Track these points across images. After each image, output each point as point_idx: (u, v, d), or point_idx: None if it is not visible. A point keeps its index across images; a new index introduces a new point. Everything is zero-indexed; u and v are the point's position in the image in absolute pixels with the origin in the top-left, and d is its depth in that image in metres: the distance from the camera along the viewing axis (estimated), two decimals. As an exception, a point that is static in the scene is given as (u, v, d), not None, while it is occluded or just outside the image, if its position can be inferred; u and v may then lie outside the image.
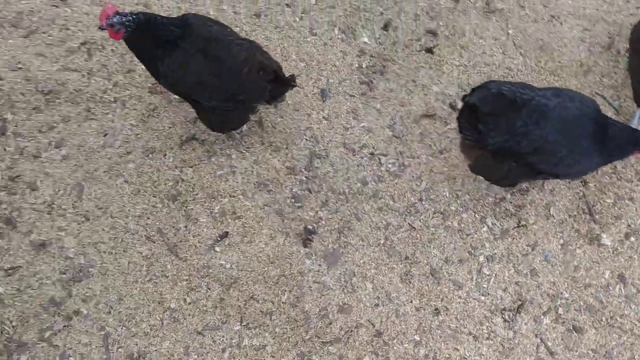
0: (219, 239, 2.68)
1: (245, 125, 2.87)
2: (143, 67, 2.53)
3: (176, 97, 2.86)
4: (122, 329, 2.49)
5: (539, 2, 3.31)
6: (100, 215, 2.67)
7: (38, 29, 2.87)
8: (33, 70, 2.81)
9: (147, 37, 2.38)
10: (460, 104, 3.02)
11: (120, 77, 2.86)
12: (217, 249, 2.67)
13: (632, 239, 2.79)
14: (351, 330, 2.55)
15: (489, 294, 2.65)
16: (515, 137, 2.40)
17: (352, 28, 3.15)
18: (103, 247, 2.62)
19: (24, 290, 2.53)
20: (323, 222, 2.75)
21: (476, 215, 2.81)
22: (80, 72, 2.84)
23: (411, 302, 2.62)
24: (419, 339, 2.56)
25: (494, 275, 2.70)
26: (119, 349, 2.46)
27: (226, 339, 2.51)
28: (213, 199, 2.75)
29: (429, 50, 3.16)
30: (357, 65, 3.09)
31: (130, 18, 2.35)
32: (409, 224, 2.79)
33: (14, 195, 2.63)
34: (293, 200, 2.78)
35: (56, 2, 2.93)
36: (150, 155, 2.78)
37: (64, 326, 2.49)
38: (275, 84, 2.56)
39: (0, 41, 2.83)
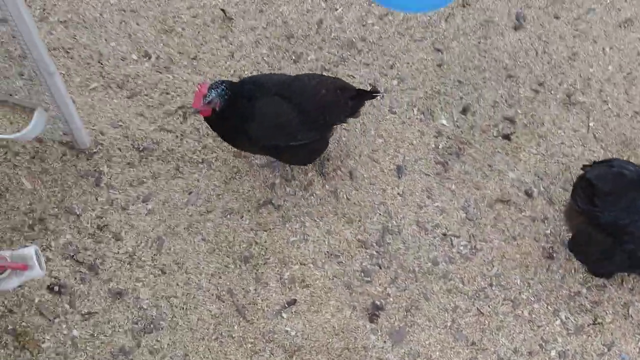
0: (286, 305, 2.72)
1: (320, 193, 2.96)
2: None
3: (258, 161, 2.99)
4: (185, 385, 2.53)
5: (623, 97, 3.32)
6: (176, 270, 2.77)
7: (141, 92, 3.12)
8: (132, 129, 3.02)
9: (236, 102, 2.52)
10: (536, 191, 3.03)
11: (210, 140, 3.03)
12: (284, 315, 2.70)
13: None
14: (412, 414, 2.49)
15: (559, 392, 2.54)
16: (633, 215, 2.38)
17: (431, 110, 3.24)
18: (175, 302, 2.71)
19: (97, 336, 2.62)
20: (391, 299, 2.75)
21: (549, 307, 2.74)
22: (174, 133, 3.03)
23: (476, 391, 2.55)
24: None
25: (566, 372, 2.59)
26: (180, 405, 2.49)
27: (285, 408, 2.50)
28: (284, 265, 2.81)
29: (507, 137, 3.19)
30: (433, 145, 3.15)
31: (223, 86, 2.48)
32: (477, 308, 2.74)
33: (100, 244, 2.78)
34: (362, 274, 2.80)
35: (160, 68, 3.19)
36: (229, 216, 2.89)
37: (130, 376, 2.55)
38: (356, 99, 2.73)
39: (106, 100, 3.08)
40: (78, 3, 3.30)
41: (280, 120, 2.59)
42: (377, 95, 2.83)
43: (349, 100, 2.71)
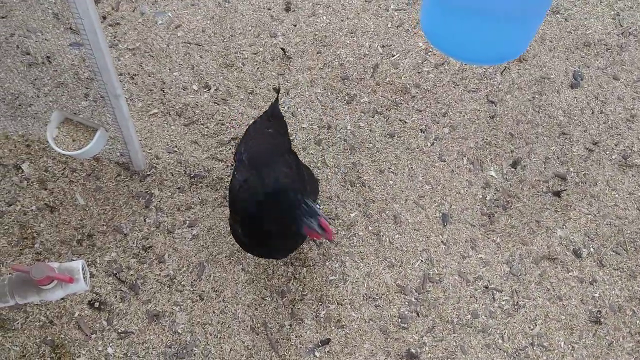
0: (320, 344, 2.69)
1: (363, 234, 2.95)
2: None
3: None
4: (211, 415, 2.51)
5: (681, 163, 3.23)
6: (214, 297, 2.78)
7: (198, 121, 3.22)
8: (186, 155, 3.11)
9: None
10: (585, 252, 2.94)
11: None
12: (317, 354, 2.67)
13: None
14: None
15: None
16: None
17: (480, 160, 3.22)
18: (210, 329, 2.71)
19: (130, 356, 2.64)
20: (427, 349, 2.68)
21: (593, 375, 2.62)
22: (225, 163, 3.10)
23: None
24: None
25: None
26: None
27: None
28: (321, 303, 2.79)
29: (557, 194, 3.13)
30: (481, 196, 3.12)
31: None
32: (517, 368, 2.64)
33: (143, 264, 2.83)
34: (399, 319, 2.75)
35: (218, 100, 3.29)
36: (270, 249, 2.91)
37: (159, 400, 2.55)
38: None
39: (165, 126, 3.19)
40: (147, 33, 3.47)
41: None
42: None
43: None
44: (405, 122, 3.31)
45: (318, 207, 2.32)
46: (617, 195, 3.14)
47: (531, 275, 2.89)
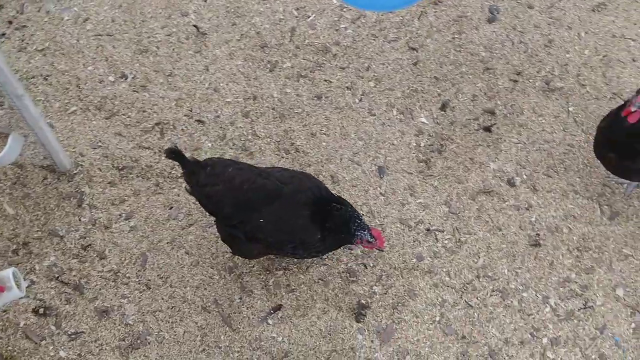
0: (272, 311, 2.70)
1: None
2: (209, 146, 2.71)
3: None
4: (173, 398, 2.51)
5: (600, 80, 3.29)
6: (161, 284, 2.76)
7: (119, 112, 3.15)
8: (111, 148, 3.05)
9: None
10: (518, 180, 2.99)
11: (188, 154, 3.03)
12: (270, 321, 2.68)
13: None
14: (404, 413, 2.44)
15: (554, 380, 2.48)
16: None
17: (410, 109, 3.24)
18: (161, 316, 2.70)
19: (84, 356, 2.62)
20: (377, 297, 2.72)
21: (538, 295, 2.68)
22: (152, 150, 3.06)
23: (468, 385, 2.49)
24: None
25: (559, 359, 2.52)
26: (169, 419, 2.46)
27: (275, 415, 2.46)
28: (268, 272, 2.79)
29: (487, 129, 3.17)
30: (415, 144, 3.14)
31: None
32: (465, 301, 2.70)
33: (84, 263, 2.79)
34: (348, 274, 2.78)
35: (137, 88, 3.23)
36: (210, 229, 2.89)
37: (119, 393, 2.53)
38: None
39: (85, 122, 3.12)
40: (55, 31, 3.37)
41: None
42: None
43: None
44: (331, 82, 3.30)
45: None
46: (543, 121, 3.19)
47: (469, 211, 2.93)
